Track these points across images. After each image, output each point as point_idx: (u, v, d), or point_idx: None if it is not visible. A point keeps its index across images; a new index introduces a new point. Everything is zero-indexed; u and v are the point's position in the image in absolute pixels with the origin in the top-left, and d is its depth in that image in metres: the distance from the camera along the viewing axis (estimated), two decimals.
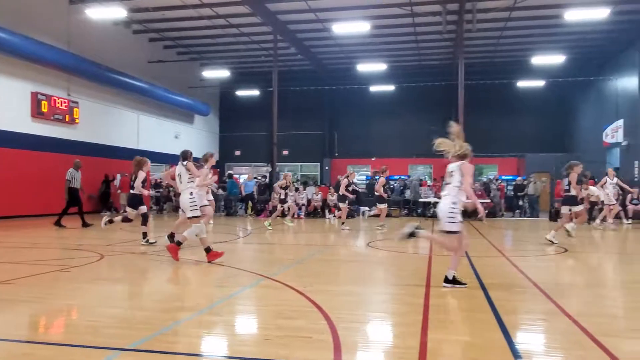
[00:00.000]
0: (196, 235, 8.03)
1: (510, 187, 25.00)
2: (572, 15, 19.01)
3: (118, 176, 22.02)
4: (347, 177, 16.04)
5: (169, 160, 27.76)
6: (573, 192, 11.58)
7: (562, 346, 4.15)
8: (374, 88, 29.56)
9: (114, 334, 4.21)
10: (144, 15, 21.47)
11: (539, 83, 27.39)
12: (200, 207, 8.61)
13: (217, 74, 28.62)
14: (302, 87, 28.94)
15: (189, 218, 8.27)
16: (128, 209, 10.87)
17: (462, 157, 6.37)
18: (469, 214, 21.13)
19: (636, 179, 19.95)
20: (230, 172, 26.60)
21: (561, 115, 29.83)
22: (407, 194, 23.48)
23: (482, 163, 31.02)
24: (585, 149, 27.06)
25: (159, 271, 7.75)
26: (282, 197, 16.68)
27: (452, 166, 6.40)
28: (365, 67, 26.49)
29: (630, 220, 18.43)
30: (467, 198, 6.25)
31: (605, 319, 4.89)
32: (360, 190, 22.57)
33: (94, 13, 18.92)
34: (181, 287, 6.69)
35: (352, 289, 6.38)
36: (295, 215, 20.19)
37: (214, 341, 4.21)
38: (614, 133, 22.61)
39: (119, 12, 19.05)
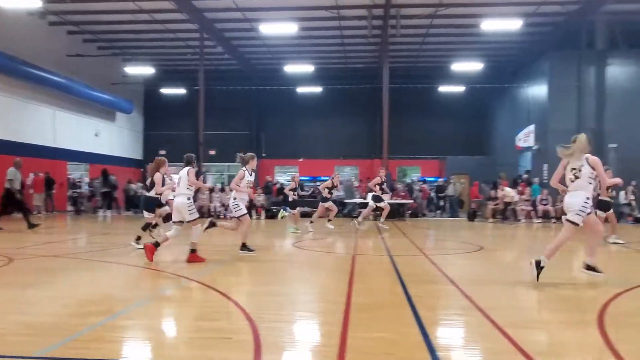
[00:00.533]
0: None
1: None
2: (489, 26, 20.03)
3: (31, 175, 20.78)
4: (380, 175, 15.16)
5: (89, 159, 26.60)
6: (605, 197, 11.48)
7: (473, 339, 4.37)
8: (301, 89, 29.71)
9: (20, 342, 3.97)
10: (61, 6, 20.40)
11: (459, 88, 28.61)
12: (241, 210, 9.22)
13: (141, 70, 27.70)
14: (229, 86, 28.58)
15: (188, 221, 8.31)
16: (146, 214, 10.08)
17: (583, 150, 6.63)
18: (393, 213, 21.40)
19: (545, 181, 21.25)
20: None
21: (479, 119, 31.28)
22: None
23: (405, 165, 31.96)
24: (500, 152, 28.58)
25: (73, 274, 7.40)
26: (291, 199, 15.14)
27: (578, 163, 6.61)
28: (292, 68, 26.57)
29: (540, 220, 19.64)
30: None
31: (513, 312, 5.19)
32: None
33: (6, 2, 17.76)
34: (96, 291, 6.41)
35: (276, 289, 6.38)
36: (222, 216, 19.92)
37: (129, 346, 4.08)
38: (526, 138, 24.00)
39: (33, 2, 17.98)
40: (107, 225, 10.40)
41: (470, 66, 25.69)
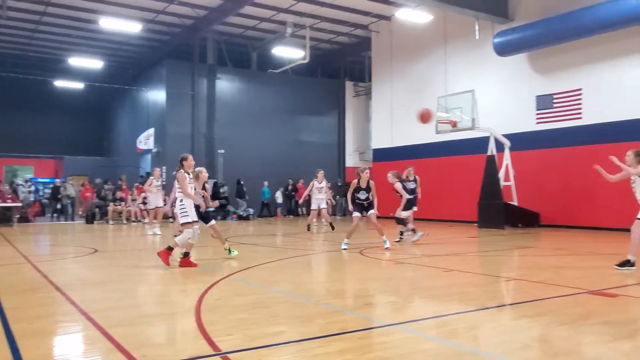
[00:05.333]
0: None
1: (48, 190, 23.82)
2: (108, 24, 19.65)
3: None
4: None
5: None
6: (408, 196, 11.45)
7: (73, 344, 4.23)
8: None
9: None
10: None
11: (78, 85, 27.06)
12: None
13: None
14: None
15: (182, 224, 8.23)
16: None
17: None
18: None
19: (164, 183, 22.15)
20: None
21: (101, 119, 30.42)
22: None
23: (16, 164, 28.52)
24: (122, 154, 28.45)
25: None
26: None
27: None
28: None
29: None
30: None
31: (118, 312, 5.22)
32: None
33: None
34: None
35: None
36: None
37: None
38: (147, 140, 24.58)
39: None
40: None
41: (89, 63, 24.68)
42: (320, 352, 3.81)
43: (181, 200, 8.21)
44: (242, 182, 23.10)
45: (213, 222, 9.18)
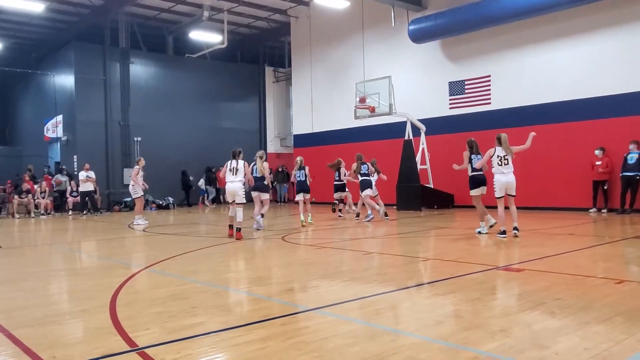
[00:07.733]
0: None
1: None
2: (6, 3, 18.25)
3: None
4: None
5: None
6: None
7: None
8: None
9: None
10: None
11: None
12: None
13: None
14: None
15: (239, 204, 10.03)
16: None
17: None
18: None
19: (76, 172, 21.09)
20: None
21: (2, 106, 28.29)
22: None
23: None
24: (28, 143, 26.63)
25: None
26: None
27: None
28: None
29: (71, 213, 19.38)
30: None
31: (21, 312, 4.90)
32: None
33: None
34: None
35: None
36: None
37: None
38: (55, 128, 23.19)
39: None
40: None
41: None
42: (241, 341, 3.79)
43: None
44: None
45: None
